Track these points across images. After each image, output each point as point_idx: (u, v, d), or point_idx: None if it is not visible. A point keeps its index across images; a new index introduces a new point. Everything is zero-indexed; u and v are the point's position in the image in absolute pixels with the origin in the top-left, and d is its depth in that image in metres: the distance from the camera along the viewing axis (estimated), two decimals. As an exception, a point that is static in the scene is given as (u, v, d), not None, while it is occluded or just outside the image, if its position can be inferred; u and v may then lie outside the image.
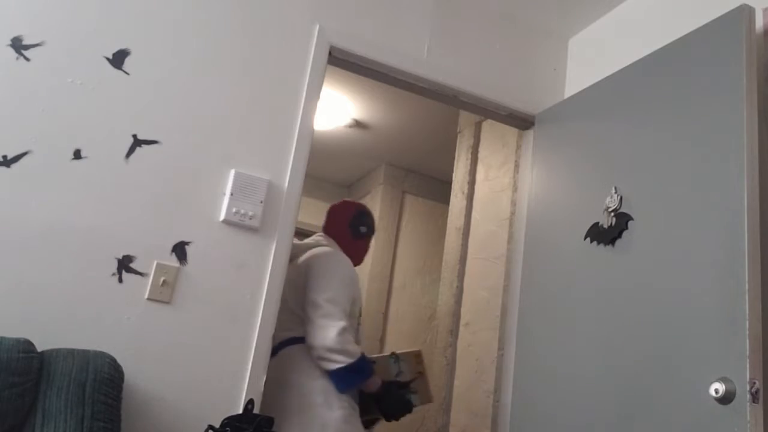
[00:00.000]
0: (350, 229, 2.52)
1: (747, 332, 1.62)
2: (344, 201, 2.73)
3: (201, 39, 2.28)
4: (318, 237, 2.52)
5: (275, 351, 2.24)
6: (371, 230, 2.59)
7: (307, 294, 2.25)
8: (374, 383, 2.26)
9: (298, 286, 2.28)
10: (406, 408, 2.34)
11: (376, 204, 4.96)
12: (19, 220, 1.94)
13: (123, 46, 2.16)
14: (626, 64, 2.33)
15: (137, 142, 2.12)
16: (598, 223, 2.22)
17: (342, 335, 2.14)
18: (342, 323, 2.17)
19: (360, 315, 2.44)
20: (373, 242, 2.76)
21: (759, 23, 1.93)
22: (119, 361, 1.83)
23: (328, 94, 3.78)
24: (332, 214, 2.60)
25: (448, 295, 3.44)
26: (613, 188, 2.19)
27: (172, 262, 2.09)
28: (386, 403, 2.30)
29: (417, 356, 2.48)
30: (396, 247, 4.89)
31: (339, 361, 2.12)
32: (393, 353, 2.44)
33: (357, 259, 2.53)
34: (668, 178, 2.03)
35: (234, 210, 2.18)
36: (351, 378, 2.17)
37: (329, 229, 2.55)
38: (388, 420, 2.37)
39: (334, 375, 2.15)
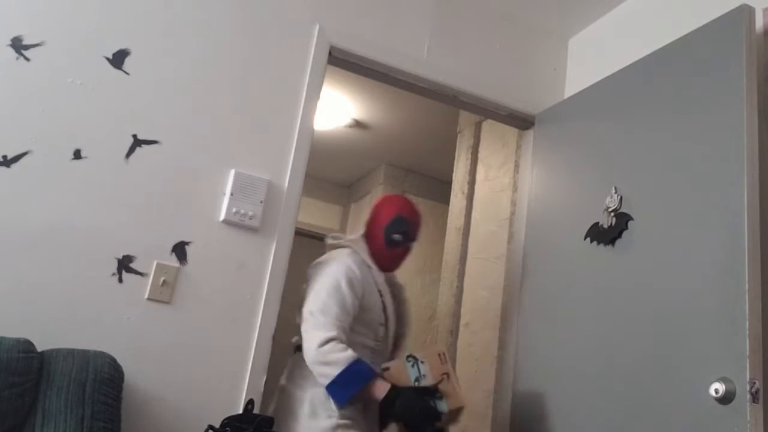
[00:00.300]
0: (384, 234, 2.23)
1: (747, 332, 1.62)
2: (386, 199, 2.38)
3: (201, 39, 2.28)
4: (350, 238, 2.28)
5: None
6: (408, 238, 2.26)
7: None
8: (377, 389, 1.96)
9: (303, 296, 2.15)
10: (431, 414, 1.96)
11: (376, 204, 4.96)
12: (19, 220, 1.94)
13: (123, 46, 2.16)
14: (626, 64, 2.33)
15: (137, 142, 2.12)
16: (598, 223, 2.22)
17: (325, 345, 1.95)
18: (327, 334, 1.96)
19: (387, 321, 2.19)
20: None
21: (759, 23, 1.93)
22: (119, 361, 1.83)
23: (328, 94, 3.78)
24: (373, 212, 2.31)
25: (448, 295, 3.44)
26: (613, 188, 2.19)
27: (172, 262, 2.10)
28: (399, 410, 1.94)
29: (440, 356, 2.14)
30: (396, 247, 4.89)
31: (325, 374, 1.94)
32: (409, 355, 2.11)
33: (387, 265, 2.26)
34: (668, 178, 2.03)
35: (234, 210, 2.18)
36: (343, 391, 1.94)
37: (367, 227, 2.29)
38: None
39: (327, 391, 1.95)
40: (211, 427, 1.77)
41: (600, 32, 2.81)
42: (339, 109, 4.11)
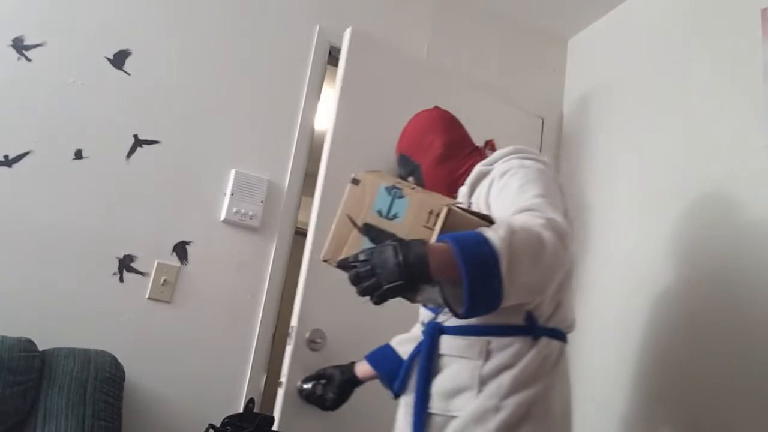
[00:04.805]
0: None
1: None
2: None
3: (201, 39, 2.28)
4: None
5: None
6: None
7: None
8: None
9: None
10: None
11: (376, 204, 4.95)
12: (21, 219, 1.94)
13: (124, 47, 2.16)
14: (626, 65, 2.33)
15: (138, 142, 2.13)
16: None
17: None
18: None
19: None
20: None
21: (757, 23, 1.93)
22: (120, 360, 1.83)
23: (328, 94, 3.77)
24: None
25: (448, 295, 3.44)
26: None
27: (173, 261, 2.10)
28: None
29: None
30: (396, 246, 4.89)
31: None
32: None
33: None
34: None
35: (234, 210, 2.19)
36: None
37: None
38: None
39: None
40: (211, 425, 1.78)
41: (600, 32, 2.81)
42: (339, 109, 4.09)
